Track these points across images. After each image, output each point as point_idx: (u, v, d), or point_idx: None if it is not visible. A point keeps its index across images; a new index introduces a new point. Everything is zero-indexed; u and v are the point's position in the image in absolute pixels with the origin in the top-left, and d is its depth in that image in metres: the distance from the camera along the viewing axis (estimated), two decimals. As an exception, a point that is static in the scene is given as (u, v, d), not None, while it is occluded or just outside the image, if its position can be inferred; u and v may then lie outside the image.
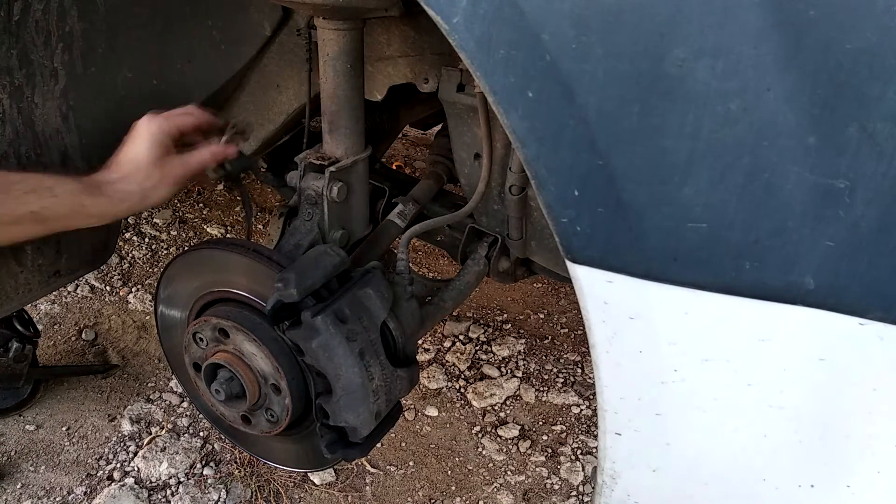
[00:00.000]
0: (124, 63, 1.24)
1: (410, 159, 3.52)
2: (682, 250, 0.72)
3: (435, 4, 0.71)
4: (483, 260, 1.42)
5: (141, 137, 1.04)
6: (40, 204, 0.96)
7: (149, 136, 1.04)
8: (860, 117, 0.61)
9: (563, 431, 2.05)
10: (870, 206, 0.64)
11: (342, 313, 1.05)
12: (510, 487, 1.86)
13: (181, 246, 2.71)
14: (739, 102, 0.64)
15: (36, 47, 1.09)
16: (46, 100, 1.14)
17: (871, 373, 0.71)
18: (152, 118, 1.06)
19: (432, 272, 2.73)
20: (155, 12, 1.23)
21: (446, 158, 1.53)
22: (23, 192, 0.95)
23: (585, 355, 2.31)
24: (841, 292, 0.68)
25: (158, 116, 1.07)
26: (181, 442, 1.86)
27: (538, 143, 0.72)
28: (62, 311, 2.32)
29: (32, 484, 1.74)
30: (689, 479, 0.89)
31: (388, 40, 1.28)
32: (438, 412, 2.08)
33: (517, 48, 0.69)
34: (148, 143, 1.03)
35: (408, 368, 1.15)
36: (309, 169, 1.21)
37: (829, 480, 0.79)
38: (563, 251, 0.77)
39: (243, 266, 1.16)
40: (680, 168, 0.68)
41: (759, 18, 0.61)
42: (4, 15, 1.04)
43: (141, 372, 2.12)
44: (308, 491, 1.80)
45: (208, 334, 1.18)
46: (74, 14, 1.12)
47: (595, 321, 0.79)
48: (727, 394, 0.79)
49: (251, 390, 1.15)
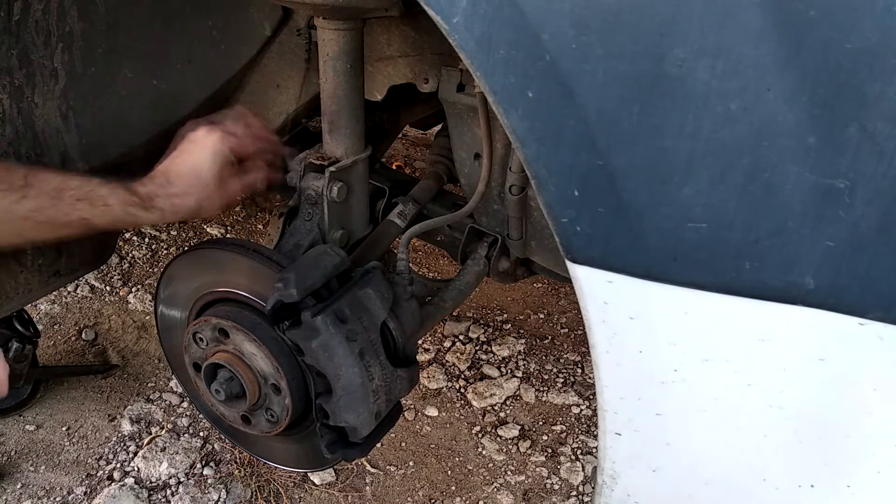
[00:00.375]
0: (124, 63, 1.24)
1: (410, 159, 3.52)
2: (682, 250, 0.72)
3: (435, 4, 0.71)
4: (483, 260, 1.42)
5: (204, 152, 1.01)
6: (92, 212, 0.97)
7: (212, 152, 1.01)
8: (860, 117, 0.61)
9: (563, 431, 2.05)
10: (870, 206, 0.64)
11: (342, 313, 1.05)
12: (510, 487, 1.86)
13: (181, 246, 2.71)
14: (739, 102, 0.64)
15: (36, 47, 1.10)
16: (46, 100, 1.15)
17: (871, 373, 0.71)
18: (213, 130, 1.03)
19: (432, 272, 2.73)
20: (155, 12, 1.23)
21: (446, 158, 1.53)
22: (76, 199, 0.95)
23: (585, 355, 2.31)
24: (841, 292, 0.68)
25: (219, 129, 1.03)
26: (181, 442, 1.86)
27: (538, 143, 0.72)
28: (62, 311, 2.32)
29: (32, 484, 1.74)
30: (689, 479, 0.89)
31: (388, 40, 1.28)
32: (438, 412, 2.08)
33: (517, 48, 0.69)
34: (211, 159, 1.01)
35: (408, 368, 1.15)
36: (309, 169, 1.21)
37: (829, 480, 0.79)
38: (563, 251, 0.77)
39: (243, 266, 1.16)
40: (680, 168, 0.68)
41: (759, 18, 0.61)
42: (4, 15, 1.04)
43: (141, 372, 2.12)
44: (308, 491, 1.80)
45: (208, 334, 1.18)
46: (74, 14, 1.12)
47: (595, 321, 0.79)
48: (727, 394, 0.79)
49: (251, 390, 1.15)
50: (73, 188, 0.96)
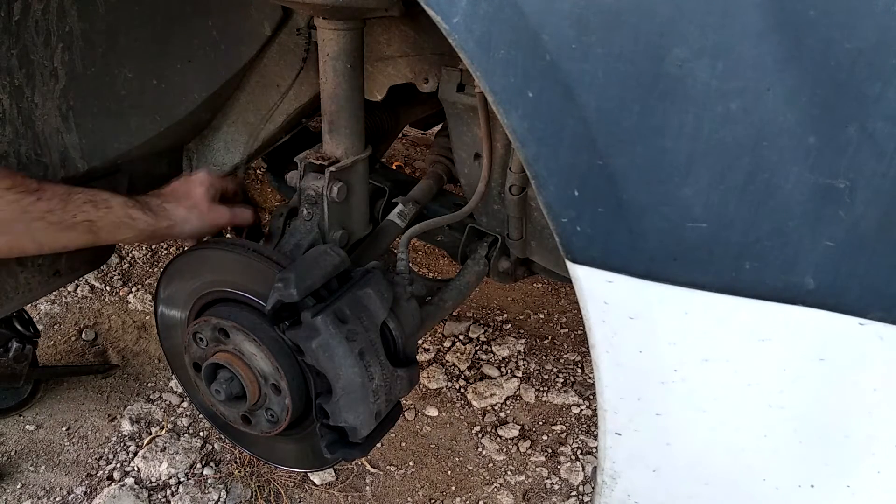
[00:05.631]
0: (124, 63, 1.24)
1: (410, 159, 3.52)
2: (682, 250, 0.72)
3: (435, 4, 0.71)
4: (483, 260, 1.42)
5: (199, 182, 1.25)
6: (96, 213, 1.09)
7: (206, 183, 1.26)
8: (860, 117, 0.61)
9: (563, 431, 2.05)
10: (870, 206, 0.64)
11: (342, 313, 1.05)
12: (510, 487, 1.86)
13: (181, 246, 2.71)
14: (739, 102, 0.64)
15: (36, 47, 1.10)
16: (46, 100, 1.15)
17: (871, 373, 0.71)
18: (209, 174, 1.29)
19: (432, 272, 2.73)
20: (155, 12, 1.23)
21: (446, 158, 1.53)
22: (82, 202, 1.08)
23: (585, 355, 2.31)
24: (841, 292, 0.68)
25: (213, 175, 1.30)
26: (181, 442, 1.86)
27: (538, 143, 0.72)
28: (62, 311, 2.32)
29: (32, 484, 1.74)
30: (689, 479, 0.89)
31: (388, 40, 1.28)
32: (438, 412, 2.08)
33: (517, 48, 0.69)
34: (204, 187, 1.25)
35: (408, 368, 1.15)
36: (309, 169, 1.21)
37: (829, 480, 0.79)
38: (563, 251, 0.77)
39: (243, 266, 1.16)
40: (680, 168, 0.68)
41: (759, 19, 0.61)
42: (4, 15, 1.04)
43: (141, 372, 2.12)
44: (308, 491, 1.80)
45: (208, 334, 1.18)
46: (74, 14, 1.12)
47: (595, 321, 0.79)
48: (727, 394, 0.79)
49: (251, 390, 1.15)
50: (80, 192, 1.09)
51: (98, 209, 1.09)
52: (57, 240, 1.07)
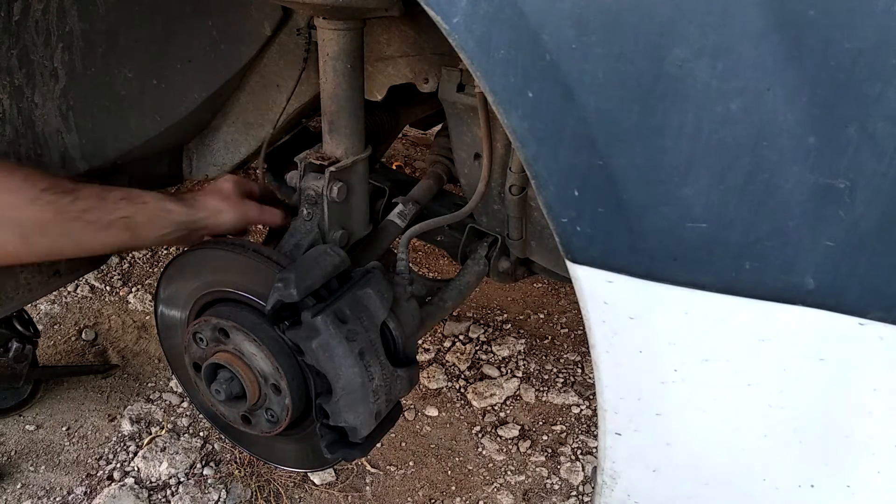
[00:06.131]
0: (124, 63, 1.24)
1: (410, 159, 3.52)
2: (682, 250, 0.72)
3: (435, 4, 0.71)
4: (483, 260, 1.42)
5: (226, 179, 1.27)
6: (132, 209, 1.09)
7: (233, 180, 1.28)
8: (860, 117, 0.61)
9: (563, 431, 2.05)
10: (870, 206, 0.64)
11: (342, 313, 1.05)
12: (510, 487, 1.86)
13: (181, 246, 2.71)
14: (739, 102, 0.64)
15: (36, 47, 1.10)
16: (46, 100, 1.15)
17: (871, 373, 0.71)
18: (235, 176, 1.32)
19: (432, 272, 2.73)
20: (155, 12, 1.23)
21: (446, 158, 1.53)
22: (118, 199, 1.08)
23: (585, 355, 2.31)
24: (841, 292, 0.68)
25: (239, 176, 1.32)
26: (181, 442, 1.86)
27: (538, 143, 0.72)
28: (62, 311, 2.32)
29: (32, 484, 1.74)
30: (689, 479, 0.89)
31: (388, 40, 1.28)
32: (438, 412, 2.08)
33: (517, 48, 0.69)
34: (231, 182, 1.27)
35: (408, 368, 1.15)
36: (309, 169, 1.21)
37: (829, 480, 0.79)
38: (563, 251, 0.77)
39: (243, 266, 1.16)
40: (680, 168, 0.68)
41: (759, 18, 0.61)
42: (4, 15, 1.04)
43: (141, 372, 2.12)
44: (308, 491, 1.80)
45: (208, 334, 1.18)
46: (74, 14, 1.12)
47: (595, 321, 0.79)
48: (727, 394, 0.79)
49: (251, 390, 1.15)
50: (115, 190, 1.09)
51: (133, 204, 1.09)
52: (95, 238, 1.07)
